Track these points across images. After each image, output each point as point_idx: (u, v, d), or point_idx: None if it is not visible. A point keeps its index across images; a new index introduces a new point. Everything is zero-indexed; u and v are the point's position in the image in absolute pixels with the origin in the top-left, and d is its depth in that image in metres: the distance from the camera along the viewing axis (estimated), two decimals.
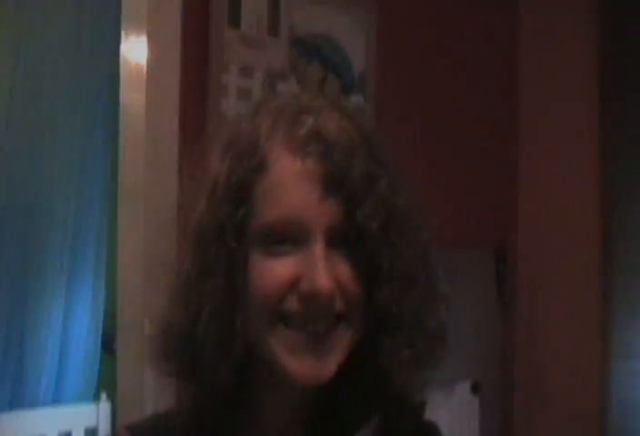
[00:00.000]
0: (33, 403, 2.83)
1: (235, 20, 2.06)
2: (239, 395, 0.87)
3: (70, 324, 2.96)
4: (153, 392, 0.89)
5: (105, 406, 2.90)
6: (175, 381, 0.88)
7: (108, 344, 2.85)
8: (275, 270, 0.81)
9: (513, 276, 2.91)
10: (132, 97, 2.03)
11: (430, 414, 0.97)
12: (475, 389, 2.57)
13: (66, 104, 2.94)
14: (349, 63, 2.27)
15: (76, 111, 2.95)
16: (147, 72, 1.98)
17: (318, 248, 0.80)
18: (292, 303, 0.81)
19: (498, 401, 2.86)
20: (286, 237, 0.81)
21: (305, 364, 0.81)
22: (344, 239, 0.82)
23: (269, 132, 0.84)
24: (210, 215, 0.83)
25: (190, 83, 2.02)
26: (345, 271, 0.82)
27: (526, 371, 2.86)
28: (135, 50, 2.03)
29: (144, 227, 1.92)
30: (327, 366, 0.82)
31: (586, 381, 2.67)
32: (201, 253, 0.83)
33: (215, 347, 0.81)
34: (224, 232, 0.81)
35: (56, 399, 2.92)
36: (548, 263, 2.82)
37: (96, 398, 2.94)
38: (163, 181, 1.93)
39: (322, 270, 0.79)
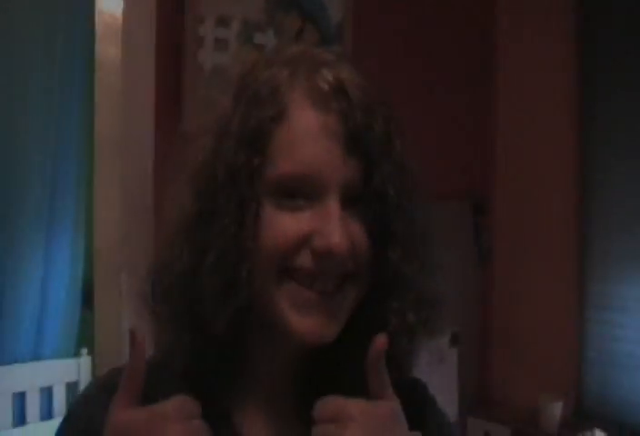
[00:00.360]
0: (13, 359, 2.83)
1: None
2: (234, 344, 0.85)
3: (49, 280, 2.95)
4: None
5: (85, 361, 2.91)
6: (166, 325, 0.85)
7: (89, 299, 2.85)
8: (287, 223, 0.79)
9: (491, 229, 2.92)
10: (107, 50, 2.00)
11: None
12: (454, 341, 2.59)
13: (41, 58, 2.90)
14: (327, 13, 2.24)
15: (52, 65, 2.91)
16: (123, 24, 1.95)
17: (334, 205, 0.79)
18: (303, 259, 0.79)
19: (476, 353, 2.89)
20: (301, 191, 0.79)
21: (312, 323, 0.80)
22: (357, 199, 0.81)
23: (289, 81, 0.82)
24: (221, 159, 0.80)
25: (166, 34, 2.00)
26: (356, 230, 0.80)
27: (504, 323, 2.89)
28: (109, 2, 1.99)
29: (120, 180, 1.91)
30: (333, 326, 0.81)
31: (563, 332, 2.70)
32: (209, 196, 0.80)
33: (218, 292, 0.79)
34: (237, 177, 0.79)
35: (37, 354, 2.92)
36: (526, 217, 2.83)
37: (77, 353, 2.95)
38: (139, 133, 1.91)
39: (338, 227, 0.77)
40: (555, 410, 2.59)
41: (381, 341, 0.76)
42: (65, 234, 2.99)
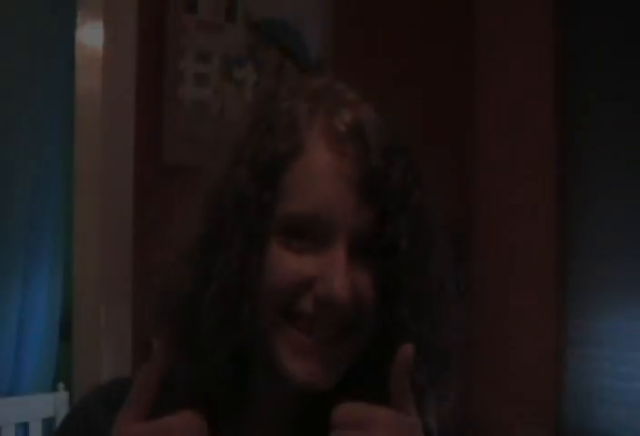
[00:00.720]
0: None
1: (191, 5, 2.05)
2: (234, 373, 0.81)
3: (27, 313, 2.92)
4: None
5: (62, 396, 2.87)
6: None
7: (67, 332, 2.83)
8: (291, 265, 0.76)
9: (470, 261, 2.92)
10: (87, 83, 2.01)
11: None
12: None
13: (22, 90, 2.90)
14: (306, 48, 2.26)
15: (32, 97, 2.91)
16: (103, 57, 1.96)
17: (341, 252, 0.76)
18: (305, 304, 0.77)
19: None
20: (309, 233, 0.77)
21: (307, 370, 0.77)
22: (367, 248, 0.78)
23: (308, 117, 0.80)
24: (232, 188, 0.78)
25: (146, 69, 2.01)
26: (363, 281, 0.77)
27: (483, 355, 2.88)
28: (90, 35, 2.00)
29: (99, 214, 1.90)
30: (328, 376, 0.78)
31: (542, 365, 2.70)
32: (217, 224, 0.78)
33: (217, 326, 0.76)
34: (245, 209, 0.77)
35: (13, 389, 2.89)
36: (506, 250, 2.84)
37: (54, 388, 2.92)
38: (118, 167, 1.91)
39: (342, 275, 0.75)
40: None
41: (408, 349, 0.73)
42: (44, 267, 2.97)
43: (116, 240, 1.87)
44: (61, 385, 2.88)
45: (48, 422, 2.85)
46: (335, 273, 0.75)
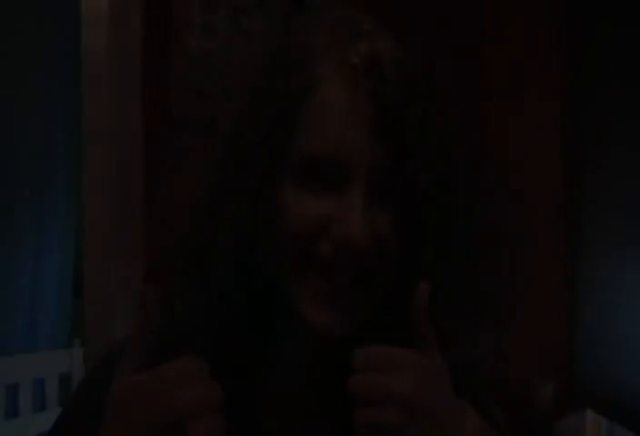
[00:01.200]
0: (5, 351, 2.82)
1: None
2: (253, 326, 0.78)
3: (41, 270, 2.94)
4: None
5: (78, 351, 2.90)
6: (180, 300, 0.77)
7: (81, 289, 2.84)
8: (307, 206, 0.73)
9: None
10: (93, 36, 1.99)
11: None
12: None
13: (27, 42, 2.88)
14: None
15: (37, 50, 2.90)
16: (109, 11, 1.94)
17: (357, 192, 0.72)
18: (323, 249, 0.73)
19: None
20: (324, 174, 0.73)
21: (326, 316, 0.73)
22: (388, 189, 0.74)
23: (322, 51, 0.75)
24: (244, 128, 0.75)
25: (153, 20, 1.98)
26: (383, 223, 0.73)
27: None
28: None
29: (110, 169, 1.89)
30: (348, 322, 0.74)
31: (554, 312, 2.69)
32: (231, 167, 0.75)
33: (231, 274, 0.74)
34: (258, 150, 0.74)
35: (29, 345, 2.91)
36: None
37: (70, 344, 2.94)
38: (128, 120, 1.90)
39: (359, 217, 0.71)
40: (547, 390, 2.59)
41: (423, 289, 0.70)
42: (56, 224, 2.98)
43: (127, 195, 1.86)
44: (77, 341, 2.91)
45: (64, 378, 2.88)
46: (351, 214, 0.71)
